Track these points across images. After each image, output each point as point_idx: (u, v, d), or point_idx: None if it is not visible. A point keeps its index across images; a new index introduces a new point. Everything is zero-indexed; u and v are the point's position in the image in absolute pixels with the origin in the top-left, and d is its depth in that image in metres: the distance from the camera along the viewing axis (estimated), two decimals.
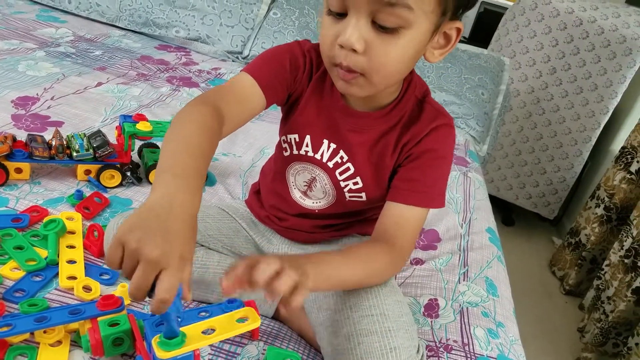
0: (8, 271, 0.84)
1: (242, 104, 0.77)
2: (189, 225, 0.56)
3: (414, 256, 1.16)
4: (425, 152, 0.82)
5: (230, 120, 0.73)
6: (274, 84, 0.79)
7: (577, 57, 2.36)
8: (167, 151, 0.63)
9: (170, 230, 0.54)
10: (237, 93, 0.77)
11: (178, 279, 0.53)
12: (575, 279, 2.29)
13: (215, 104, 0.71)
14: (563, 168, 2.56)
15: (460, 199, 1.44)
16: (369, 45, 0.68)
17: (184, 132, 0.65)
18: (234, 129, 0.77)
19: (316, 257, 0.72)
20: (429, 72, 2.05)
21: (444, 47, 0.75)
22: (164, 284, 0.52)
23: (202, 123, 0.67)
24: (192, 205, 0.58)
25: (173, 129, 0.67)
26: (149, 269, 0.52)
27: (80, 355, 0.72)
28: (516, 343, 0.97)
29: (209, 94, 0.74)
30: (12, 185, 1.04)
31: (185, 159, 0.61)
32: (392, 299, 0.79)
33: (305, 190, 0.91)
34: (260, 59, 0.82)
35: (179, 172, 0.59)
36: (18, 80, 1.47)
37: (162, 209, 0.55)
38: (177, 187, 0.57)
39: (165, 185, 0.58)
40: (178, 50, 2.06)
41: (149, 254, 0.52)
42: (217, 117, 0.70)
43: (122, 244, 0.53)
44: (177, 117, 0.68)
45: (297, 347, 0.85)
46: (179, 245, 0.54)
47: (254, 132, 1.55)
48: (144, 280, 0.52)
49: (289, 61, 0.81)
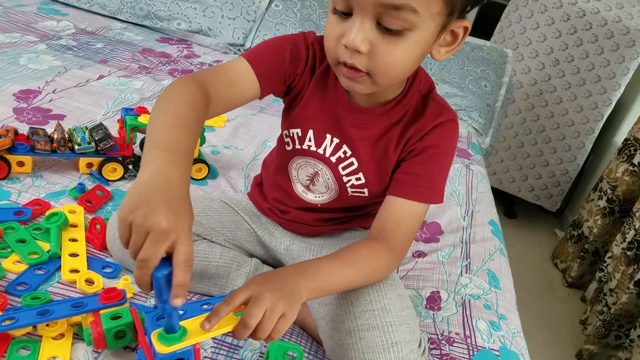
0: (10, 264, 0.84)
1: (232, 87, 0.76)
2: (187, 197, 0.57)
3: (415, 249, 1.16)
4: (428, 147, 0.81)
5: (217, 102, 0.73)
6: (270, 73, 0.78)
7: (580, 49, 2.34)
8: (156, 125, 0.63)
9: (172, 202, 0.54)
10: (229, 76, 0.76)
11: (190, 246, 0.53)
12: (577, 272, 2.29)
13: (203, 84, 0.71)
14: (566, 160, 2.55)
15: (463, 191, 1.44)
16: (374, 47, 0.67)
17: (172, 108, 0.65)
18: (222, 111, 0.77)
19: (312, 266, 0.71)
20: (432, 64, 2.04)
21: (450, 44, 0.74)
22: (181, 252, 0.53)
23: (190, 100, 0.66)
24: (184, 178, 0.58)
25: (161, 104, 0.66)
26: (159, 240, 0.51)
27: (82, 349, 0.72)
28: (518, 335, 0.97)
29: (199, 73, 0.74)
30: (15, 179, 1.04)
31: (174, 134, 0.61)
32: (394, 293, 0.78)
33: (308, 185, 0.91)
34: (261, 47, 0.80)
35: (169, 146, 0.59)
36: (20, 73, 1.47)
37: (157, 183, 0.55)
38: (169, 162, 0.57)
39: (156, 159, 0.57)
40: (179, 42, 2.06)
41: (159, 225, 0.51)
42: (203, 96, 0.69)
43: (129, 223, 0.53)
44: (164, 93, 0.68)
45: (299, 341, 0.85)
46: (185, 214, 0.54)
47: (256, 124, 1.54)
48: (155, 250, 0.51)
49: (289, 52, 0.80)
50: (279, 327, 0.61)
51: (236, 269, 0.91)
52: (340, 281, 0.73)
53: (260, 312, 0.60)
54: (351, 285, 0.76)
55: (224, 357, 0.77)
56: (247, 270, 0.91)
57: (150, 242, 0.52)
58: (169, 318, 0.57)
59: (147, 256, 0.52)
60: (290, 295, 0.63)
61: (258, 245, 0.98)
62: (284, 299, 0.62)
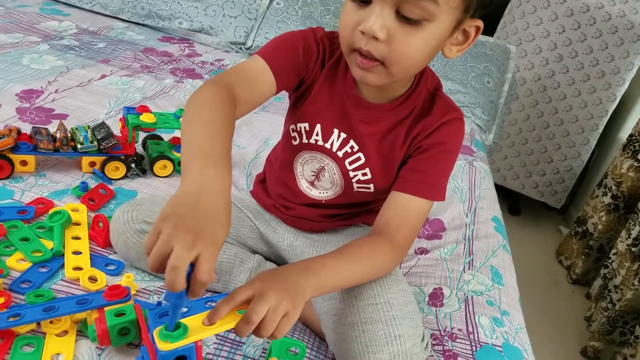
0: (14, 262, 0.85)
1: (253, 87, 0.77)
2: (222, 210, 0.56)
3: (418, 245, 1.16)
4: (435, 144, 0.82)
5: (242, 103, 0.73)
6: (285, 69, 0.79)
7: (584, 44, 2.33)
8: (189, 137, 0.63)
9: (204, 216, 0.54)
10: (248, 76, 0.77)
11: (213, 264, 0.53)
12: (582, 268, 2.28)
13: (230, 87, 0.71)
14: (570, 156, 2.54)
15: (466, 188, 1.44)
16: (391, 35, 0.68)
17: (205, 117, 0.65)
18: (246, 111, 0.77)
19: (315, 264, 0.71)
20: (434, 60, 2.04)
21: (462, 43, 0.76)
22: (203, 267, 0.52)
23: (220, 105, 0.67)
24: (224, 190, 0.57)
25: (192, 113, 0.66)
26: (186, 249, 0.51)
27: (86, 345, 0.73)
28: (521, 331, 0.97)
29: (222, 76, 0.74)
30: (18, 178, 1.05)
31: (211, 143, 0.61)
32: (397, 288, 0.79)
33: (313, 180, 0.91)
34: (274, 44, 0.81)
35: (206, 157, 0.59)
36: (22, 73, 1.47)
37: (192, 196, 0.55)
38: (207, 173, 0.57)
39: (195, 171, 0.58)
40: (181, 42, 2.06)
41: (186, 237, 0.51)
42: (231, 99, 0.70)
43: (158, 231, 0.53)
44: (192, 101, 0.68)
45: (302, 336, 0.85)
46: (213, 229, 0.54)
47: (258, 123, 1.54)
48: (185, 256, 0.51)
49: (302, 47, 0.81)
50: (281, 326, 0.61)
51: (239, 265, 0.91)
52: (343, 279, 0.73)
53: (263, 309, 0.60)
54: (354, 282, 0.76)
55: (227, 353, 0.78)
56: (250, 267, 0.92)
57: (179, 249, 0.51)
58: (173, 315, 0.57)
59: (177, 258, 0.51)
60: (294, 293, 0.63)
61: (261, 242, 0.98)
62: (288, 297, 0.62)
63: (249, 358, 0.78)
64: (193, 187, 0.56)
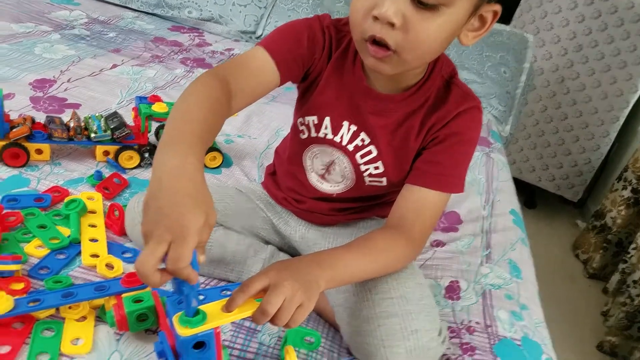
0: (33, 249, 0.85)
1: (254, 79, 0.74)
2: (189, 191, 0.54)
3: (434, 238, 1.14)
4: (451, 135, 0.79)
5: (240, 95, 0.71)
6: (288, 60, 0.76)
7: (605, 33, 2.28)
8: (169, 124, 0.61)
9: (168, 204, 0.53)
10: (249, 67, 0.74)
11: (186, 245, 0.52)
12: (599, 263, 2.24)
13: (224, 78, 0.69)
14: (588, 149, 2.50)
15: (483, 180, 1.41)
16: (407, 21, 0.65)
17: (183, 106, 0.63)
18: (246, 104, 0.75)
19: (330, 256, 0.70)
20: (449, 49, 2.00)
21: (478, 30, 0.73)
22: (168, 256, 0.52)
23: (206, 95, 0.65)
24: (189, 170, 0.55)
25: (176, 104, 0.64)
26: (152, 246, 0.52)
27: (105, 330, 0.73)
28: (541, 326, 0.95)
29: (220, 68, 0.72)
30: (33, 167, 1.05)
31: (181, 128, 0.60)
32: (413, 282, 0.77)
33: (323, 174, 0.89)
34: (277, 33, 0.78)
35: (173, 142, 0.58)
36: (35, 63, 1.47)
37: (155, 187, 0.54)
38: (170, 157, 0.56)
39: (158, 159, 0.56)
40: (191, 31, 2.05)
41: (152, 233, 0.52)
42: (225, 91, 0.68)
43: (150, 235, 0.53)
44: (184, 92, 0.66)
45: (317, 326, 0.85)
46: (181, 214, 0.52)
47: (269, 113, 1.53)
48: (146, 257, 0.52)
49: (307, 37, 0.77)
50: (296, 316, 0.61)
51: (253, 256, 0.90)
52: (358, 272, 0.72)
53: (279, 300, 0.59)
54: (369, 275, 0.75)
55: (243, 340, 0.77)
56: (264, 257, 0.91)
57: (145, 250, 0.52)
58: (187, 301, 0.57)
59: (140, 263, 0.52)
60: (308, 285, 0.63)
61: (273, 233, 0.97)
62: (303, 288, 0.61)
63: (264, 346, 0.77)
64: (154, 177, 0.55)
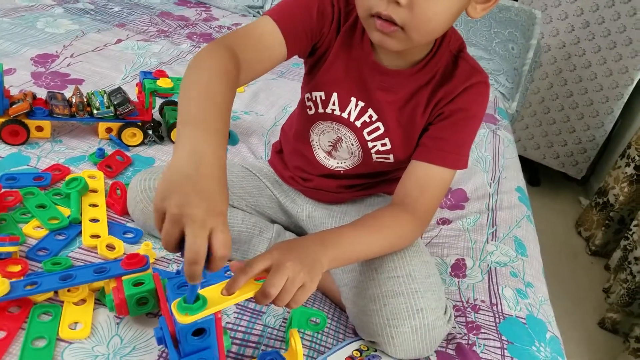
0: (31, 230, 0.84)
1: (261, 52, 0.72)
2: (222, 181, 0.54)
3: (440, 216, 1.13)
4: (457, 110, 0.77)
5: (247, 68, 0.69)
6: (297, 33, 0.74)
7: (612, 10, 2.24)
8: (187, 99, 0.60)
9: (206, 189, 0.51)
10: (256, 39, 0.72)
11: (228, 232, 0.51)
12: (601, 240, 2.24)
13: (232, 49, 0.67)
14: (593, 126, 2.48)
15: (489, 157, 1.40)
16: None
17: (202, 79, 0.61)
18: (252, 77, 0.73)
19: (334, 235, 0.69)
20: (458, 25, 1.97)
21: (487, 1, 0.70)
22: (220, 241, 0.50)
23: (220, 69, 0.63)
24: (219, 158, 0.54)
25: (190, 76, 0.62)
26: (199, 230, 0.49)
27: (104, 314, 0.72)
28: (545, 303, 0.95)
29: (227, 38, 0.70)
30: (34, 144, 1.04)
31: (207, 107, 0.58)
32: (419, 260, 0.77)
33: (330, 151, 0.88)
34: (286, 3, 0.76)
35: (201, 122, 0.56)
36: (37, 37, 1.45)
37: (190, 168, 0.52)
38: (202, 141, 0.54)
39: (189, 139, 0.54)
40: (198, 5, 2.02)
41: (195, 216, 0.49)
42: (234, 63, 0.65)
43: (162, 212, 0.51)
44: (193, 62, 0.64)
45: (322, 307, 0.84)
46: (219, 201, 0.51)
47: (276, 89, 1.51)
48: (201, 241, 0.49)
49: (316, 10, 0.75)
50: (297, 297, 0.60)
51: (258, 235, 0.89)
52: (363, 250, 0.72)
53: (281, 281, 0.58)
54: (374, 253, 0.74)
55: (247, 322, 0.77)
56: (269, 236, 0.90)
57: (192, 233, 0.49)
58: (192, 290, 0.55)
59: (196, 249, 0.49)
60: (311, 265, 0.62)
61: (280, 212, 0.97)
62: (305, 269, 0.61)
63: (269, 327, 0.77)
64: (189, 159, 0.53)
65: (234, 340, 0.74)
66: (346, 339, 0.79)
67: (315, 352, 0.75)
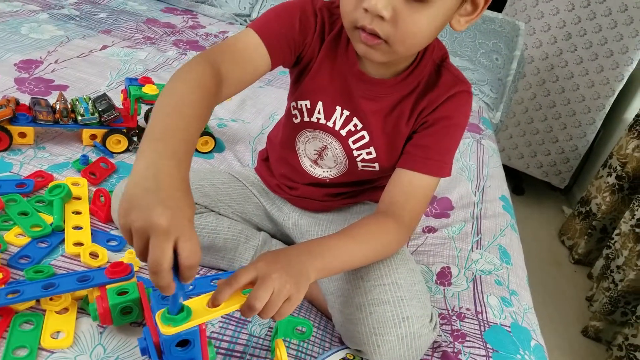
0: (13, 237, 0.82)
1: (245, 65, 0.72)
2: (184, 189, 0.53)
3: (426, 224, 1.14)
4: (441, 119, 0.78)
5: (230, 82, 0.69)
6: (280, 45, 0.74)
7: (594, 22, 2.29)
8: (156, 113, 0.58)
9: (167, 198, 0.50)
10: (239, 52, 0.72)
11: (195, 241, 0.50)
12: (584, 248, 2.27)
13: (215, 64, 0.67)
14: (575, 136, 2.51)
15: (474, 166, 1.41)
16: (397, 14, 0.64)
17: (176, 93, 0.60)
18: (236, 91, 0.73)
19: (320, 245, 0.69)
20: (443, 36, 1.99)
21: (471, 14, 0.71)
22: (185, 250, 0.49)
23: (198, 84, 0.62)
24: (179, 170, 0.53)
25: (166, 90, 0.62)
26: (162, 240, 0.48)
27: (87, 323, 0.71)
28: (530, 312, 0.96)
29: (209, 53, 0.69)
30: (16, 150, 1.02)
31: (173, 122, 0.57)
32: (405, 268, 0.77)
33: (316, 159, 0.88)
34: (269, 15, 0.76)
35: (163, 136, 0.55)
36: (21, 43, 1.43)
37: (148, 182, 0.51)
38: (161, 154, 0.53)
39: (149, 153, 0.53)
40: (184, 13, 2.01)
41: (158, 226, 0.48)
42: (215, 78, 0.65)
43: (128, 228, 0.50)
44: (173, 76, 0.64)
45: (309, 315, 0.84)
46: (181, 209, 0.50)
47: (263, 97, 1.51)
48: (161, 252, 0.48)
49: (299, 20, 0.76)
50: (283, 310, 0.60)
51: (244, 242, 0.89)
52: (349, 259, 0.71)
53: (267, 294, 0.58)
54: (361, 262, 0.74)
55: (232, 331, 0.76)
56: (256, 244, 0.90)
57: (155, 244, 0.48)
58: (174, 299, 0.54)
59: (156, 259, 0.48)
60: (298, 276, 0.61)
61: (266, 219, 0.96)
62: (292, 280, 0.60)
63: (255, 337, 0.77)
64: (146, 173, 0.51)
65: (219, 350, 0.73)
66: (332, 347, 0.79)
67: None
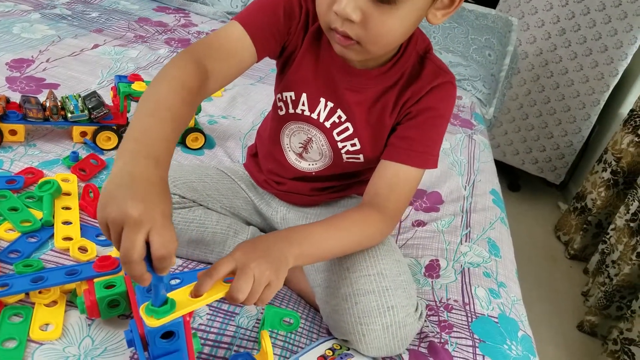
0: (3, 232, 0.83)
1: (230, 58, 0.72)
2: (159, 184, 0.53)
3: (415, 218, 1.14)
4: (424, 110, 0.78)
5: (216, 76, 0.69)
6: (265, 36, 0.74)
7: (588, 18, 2.29)
8: (137, 112, 0.59)
9: (141, 192, 0.51)
10: (224, 46, 0.72)
11: (168, 233, 0.51)
12: (580, 244, 2.28)
13: (199, 60, 0.67)
14: (570, 132, 2.52)
15: (465, 161, 1.42)
16: (366, 16, 0.64)
17: (157, 93, 0.61)
18: (225, 83, 0.73)
19: (300, 232, 0.69)
20: (435, 32, 2.00)
21: (448, 7, 0.70)
22: (156, 242, 0.49)
23: (179, 82, 0.62)
24: (155, 170, 0.53)
25: (148, 90, 0.62)
26: (133, 231, 0.49)
27: (76, 316, 0.72)
28: (518, 303, 0.96)
29: (194, 48, 0.69)
30: (7, 148, 1.03)
31: (150, 122, 0.57)
32: (390, 259, 0.77)
33: (301, 152, 0.88)
34: (254, 7, 0.76)
35: (141, 138, 0.55)
36: (13, 42, 1.44)
37: (124, 179, 0.51)
38: (137, 155, 0.53)
39: (127, 152, 0.54)
40: (177, 12, 2.02)
41: (129, 216, 0.48)
42: (199, 75, 0.65)
43: (105, 223, 0.50)
44: (156, 75, 0.64)
45: (297, 307, 0.85)
46: (154, 202, 0.51)
47: (254, 94, 1.52)
48: (130, 242, 0.48)
49: (283, 10, 0.76)
50: (264, 296, 0.61)
51: (233, 236, 0.89)
52: (330, 247, 0.72)
53: (248, 285, 0.58)
54: (342, 251, 0.75)
55: (220, 323, 0.77)
56: (245, 238, 0.90)
57: (125, 235, 0.49)
58: (156, 292, 0.55)
59: (125, 250, 0.49)
60: (276, 262, 0.62)
61: (255, 214, 0.97)
62: (271, 267, 0.61)
63: (242, 328, 0.77)
64: (122, 172, 0.52)
65: (206, 342, 0.73)
66: (320, 338, 0.79)
67: (289, 352, 0.75)
